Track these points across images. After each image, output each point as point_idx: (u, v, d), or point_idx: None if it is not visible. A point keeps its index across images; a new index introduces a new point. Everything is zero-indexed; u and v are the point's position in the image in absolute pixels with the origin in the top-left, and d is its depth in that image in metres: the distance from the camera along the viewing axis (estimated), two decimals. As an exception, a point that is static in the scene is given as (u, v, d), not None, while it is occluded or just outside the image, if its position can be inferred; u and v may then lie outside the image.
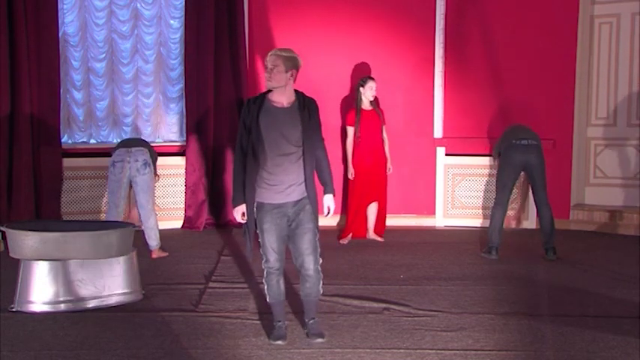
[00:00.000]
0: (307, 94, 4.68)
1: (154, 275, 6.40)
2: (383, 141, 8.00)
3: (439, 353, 4.57)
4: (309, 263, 4.61)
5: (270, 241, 4.59)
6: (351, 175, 7.90)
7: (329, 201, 4.74)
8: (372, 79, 7.98)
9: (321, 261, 4.68)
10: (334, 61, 8.87)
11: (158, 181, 7.80)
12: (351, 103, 8.35)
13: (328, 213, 4.75)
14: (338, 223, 8.74)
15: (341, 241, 7.93)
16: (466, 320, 5.21)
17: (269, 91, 4.60)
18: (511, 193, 7.33)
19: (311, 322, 4.79)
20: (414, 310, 5.45)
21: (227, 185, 8.83)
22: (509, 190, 7.25)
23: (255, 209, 4.59)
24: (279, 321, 4.78)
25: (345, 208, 8.42)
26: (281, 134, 4.49)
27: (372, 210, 8.06)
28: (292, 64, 4.54)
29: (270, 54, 4.57)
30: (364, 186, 7.91)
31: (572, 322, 5.16)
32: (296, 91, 4.63)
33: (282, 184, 4.52)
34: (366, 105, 7.90)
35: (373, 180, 7.94)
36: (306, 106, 4.58)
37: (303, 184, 4.56)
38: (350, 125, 7.89)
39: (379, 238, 8.05)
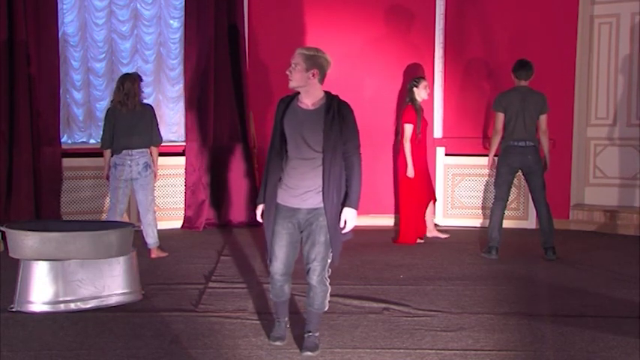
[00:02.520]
0: (345, 100, 4.45)
1: (153, 275, 6.40)
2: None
3: (439, 353, 4.57)
4: (313, 274, 4.43)
5: (279, 245, 4.40)
6: (412, 172, 7.81)
7: (347, 214, 4.34)
8: (425, 78, 8.01)
9: (330, 272, 4.51)
10: (334, 61, 8.79)
11: (157, 181, 7.80)
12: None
13: (344, 227, 4.38)
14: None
15: (419, 241, 7.99)
16: (466, 320, 5.21)
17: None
18: (510, 188, 7.35)
19: (307, 334, 4.59)
20: (414, 310, 5.46)
21: (227, 185, 8.84)
22: (508, 186, 7.29)
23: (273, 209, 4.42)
24: (279, 318, 4.68)
25: (398, 207, 8.39)
26: (301, 137, 4.29)
27: (430, 209, 8.17)
28: (313, 63, 4.30)
29: (296, 52, 4.39)
30: (424, 185, 7.96)
31: (571, 322, 5.17)
32: (328, 93, 4.40)
33: (299, 188, 4.33)
34: (417, 104, 7.90)
35: (428, 178, 8.05)
36: (332, 109, 4.31)
37: (321, 192, 4.31)
38: (410, 123, 7.79)
39: (443, 235, 8.18)
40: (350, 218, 4.36)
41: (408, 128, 7.80)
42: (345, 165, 4.36)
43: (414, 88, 7.87)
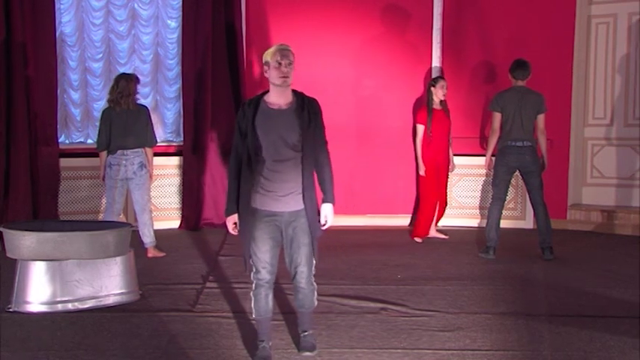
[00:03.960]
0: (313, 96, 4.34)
1: (151, 275, 6.40)
2: (449, 141, 8.13)
3: (436, 353, 4.57)
4: (302, 276, 4.35)
5: (262, 251, 4.25)
6: (422, 171, 8.01)
7: (327, 210, 4.34)
8: (444, 78, 8.11)
9: (314, 272, 4.44)
10: (331, 60, 8.87)
11: (154, 181, 7.81)
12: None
13: (325, 224, 4.36)
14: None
15: (417, 239, 8.08)
16: (463, 320, 5.22)
17: (265, 92, 4.28)
18: (508, 188, 7.35)
19: (303, 334, 4.57)
20: (412, 310, 5.46)
21: (224, 185, 8.82)
22: (506, 185, 7.29)
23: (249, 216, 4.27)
24: (263, 341, 4.44)
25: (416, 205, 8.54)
26: (279, 137, 4.16)
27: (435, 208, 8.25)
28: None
29: (280, 49, 4.21)
30: (435, 185, 8.05)
31: (569, 321, 5.17)
32: (294, 91, 4.30)
33: (280, 190, 4.20)
34: (436, 104, 7.99)
35: (440, 178, 8.11)
36: (305, 106, 4.22)
37: (301, 194, 4.23)
38: (421, 123, 7.99)
39: (443, 236, 8.22)
40: (330, 214, 4.36)
41: (419, 129, 8.00)
42: (316, 162, 4.32)
43: (432, 88, 8.00)
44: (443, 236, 8.23)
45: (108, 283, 5.50)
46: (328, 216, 4.36)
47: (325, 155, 4.36)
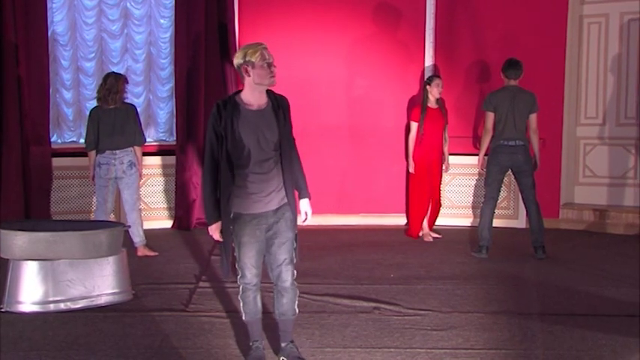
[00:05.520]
0: (281, 93, 4.30)
1: (144, 275, 6.39)
2: (443, 139, 8.14)
3: (429, 352, 4.58)
4: (287, 275, 4.25)
5: (249, 256, 4.20)
6: (412, 168, 8.08)
7: (306, 206, 4.34)
8: (439, 77, 8.14)
9: (295, 274, 4.35)
10: (324, 59, 8.87)
11: (146, 181, 7.77)
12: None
13: (306, 219, 4.35)
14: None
15: (426, 238, 8.12)
16: (456, 319, 5.23)
17: (237, 92, 4.23)
18: (500, 187, 7.37)
19: (289, 345, 4.41)
20: (405, 309, 5.46)
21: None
22: (498, 185, 7.30)
23: (231, 221, 4.21)
24: (257, 341, 4.43)
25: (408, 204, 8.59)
26: (263, 139, 4.12)
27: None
28: None
29: (263, 48, 4.13)
30: (426, 183, 8.08)
31: (561, 320, 5.19)
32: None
33: (263, 191, 4.15)
34: (432, 103, 8.03)
35: (432, 177, 8.12)
36: (280, 105, 4.21)
37: (283, 190, 4.20)
38: (414, 121, 8.03)
39: (436, 235, 8.23)
40: (309, 209, 4.36)
41: (412, 126, 8.04)
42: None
43: (427, 86, 8.03)
44: (436, 235, 8.24)
45: (100, 282, 5.49)
46: (308, 211, 4.36)
47: (296, 152, 4.37)
